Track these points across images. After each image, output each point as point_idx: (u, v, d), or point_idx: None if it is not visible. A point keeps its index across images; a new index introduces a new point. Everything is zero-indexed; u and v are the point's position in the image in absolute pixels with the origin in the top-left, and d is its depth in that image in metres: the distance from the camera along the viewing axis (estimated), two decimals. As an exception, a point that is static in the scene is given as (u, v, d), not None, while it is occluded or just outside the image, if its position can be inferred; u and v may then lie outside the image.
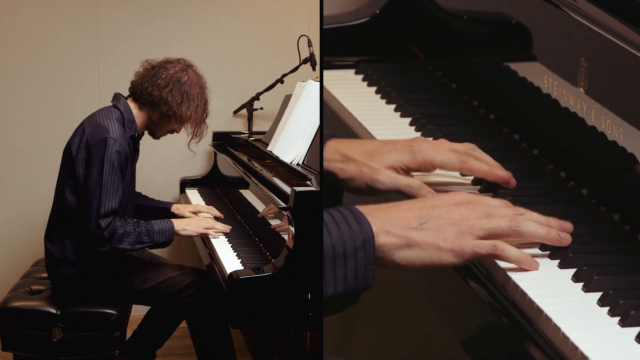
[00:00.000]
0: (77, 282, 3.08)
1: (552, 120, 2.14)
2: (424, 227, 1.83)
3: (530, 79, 2.21)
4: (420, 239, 1.82)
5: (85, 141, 3.03)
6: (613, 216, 1.95)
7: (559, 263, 1.85)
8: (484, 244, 1.84)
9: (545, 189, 2.07)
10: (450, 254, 1.83)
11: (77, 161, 3.03)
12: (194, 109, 3.18)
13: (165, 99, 3.13)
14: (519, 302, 1.79)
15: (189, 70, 3.22)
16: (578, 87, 2.01)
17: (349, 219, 1.79)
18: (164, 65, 3.21)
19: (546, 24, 2.15)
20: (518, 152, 2.23)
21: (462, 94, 2.51)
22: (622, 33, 1.88)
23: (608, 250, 1.87)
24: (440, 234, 1.83)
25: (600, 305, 1.74)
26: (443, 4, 2.59)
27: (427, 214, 1.85)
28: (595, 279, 1.78)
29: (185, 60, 3.27)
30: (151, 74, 3.18)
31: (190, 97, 3.17)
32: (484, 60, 2.47)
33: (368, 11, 2.72)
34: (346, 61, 2.70)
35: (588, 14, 1.98)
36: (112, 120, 3.08)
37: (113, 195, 2.96)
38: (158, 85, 3.14)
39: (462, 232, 1.84)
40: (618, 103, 1.90)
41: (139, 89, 3.18)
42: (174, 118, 3.18)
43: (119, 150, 2.99)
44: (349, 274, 1.77)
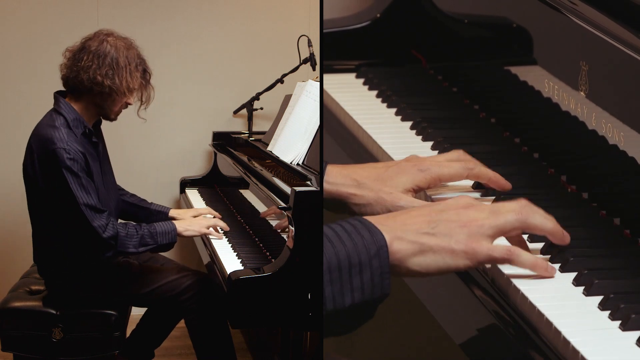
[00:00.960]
0: (75, 294, 3.05)
1: (552, 124, 2.15)
2: (435, 232, 1.83)
3: (531, 83, 2.22)
4: (433, 243, 1.82)
5: (36, 157, 2.91)
6: (613, 220, 1.95)
7: (560, 267, 1.86)
8: (498, 248, 1.84)
9: (546, 193, 2.07)
10: (463, 256, 1.82)
11: (36, 178, 2.92)
12: (129, 75, 2.96)
13: (94, 79, 2.91)
14: (520, 306, 1.80)
15: (108, 39, 2.99)
16: (579, 91, 2.02)
17: (360, 229, 1.79)
18: (82, 46, 2.99)
19: (547, 28, 2.15)
20: (519, 156, 2.23)
21: (462, 97, 2.51)
22: (622, 37, 1.89)
23: (609, 254, 1.87)
24: (452, 237, 1.82)
25: (601, 309, 1.74)
26: (444, 8, 2.59)
27: (436, 218, 1.85)
28: (596, 282, 1.78)
29: (103, 30, 3.04)
30: (74, 60, 2.97)
31: (121, 65, 2.94)
32: (484, 64, 2.47)
33: (369, 15, 2.73)
34: (347, 65, 2.70)
35: (589, 18, 1.98)
36: (55, 127, 2.91)
37: (88, 196, 2.86)
38: (83, 68, 2.92)
39: (473, 234, 1.83)
40: (619, 107, 1.91)
41: (70, 82, 2.98)
42: (115, 93, 2.95)
43: (70, 157, 2.83)
44: (365, 284, 1.77)
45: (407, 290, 2.21)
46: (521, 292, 1.79)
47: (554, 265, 1.88)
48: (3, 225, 4.39)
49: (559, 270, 1.85)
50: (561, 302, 1.76)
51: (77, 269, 3.03)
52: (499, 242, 1.88)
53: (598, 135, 1.96)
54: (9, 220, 4.39)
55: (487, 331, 1.90)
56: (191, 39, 4.49)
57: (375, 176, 2.12)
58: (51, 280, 3.09)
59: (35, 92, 4.32)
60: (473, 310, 1.91)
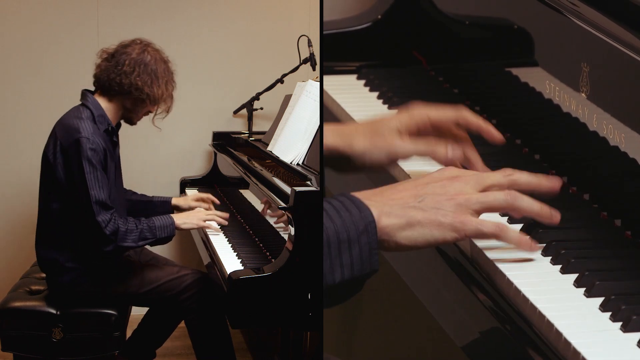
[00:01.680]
0: (75, 287, 3.07)
1: (554, 126, 2.15)
2: (422, 205, 1.83)
3: (532, 84, 2.21)
4: (420, 216, 1.82)
5: (60, 145, 3.01)
6: (615, 221, 1.95)
7: (560, 268, 1.86)
8: (487, 223, 1.84)
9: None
10: (451, 229, 1.82)
11: (56, 167, 3.01)
12: (165, 86, 3.15)
13: (135, 85, 3.08)
14: (521, 308, 1.79)
15: (149, 49, 3.18)
16: (580, 92, 2.01)
17: (348, 205, 1.79)
18: (122, 50, 3.15)
19: (548, 29, 2.15)
20: (520, 157, 2.23)
21: (463, 99, 2.51)
22: (624, 38, 1.88)
23: (610, 256, 1.87)
24: (439, 210, 1.83)
25: (602, 311, 1.74)
26: (445, 9, 2.59)
27: (422, 191, 1.85)
28: (597, 284, 1.78)
29: (141, 39, 3.22)
30: (113, 62, 3.12)
31: (159, 76, 3.14)
32: (485, 65, 2.47)
33: (370, 16, 2.72)
34: (348, 66, 2.70)
35: (590, 19, 1.98)
36: (82, 119, 3.03)
37: (100, 190, 2.93)
38: (124, 72, 3.09)
39: (460, 206, 1.84)
40: (620, 108, 1.91)
41: (106, 81, 3.12)
42: (148, 100, 3.14)
43: (92, 147, 2.95)
44: (354, 260, 1.78)
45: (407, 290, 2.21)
46: (522, 293, 1.79)
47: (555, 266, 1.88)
48: (3, 226, 4.39)
49: (560, 271, 1.85)
50: (562, 304, 1.76)
51: (78, 262, 3.05)
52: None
53: (599, 136, 1.96)
54: (9, 220, 4.39)
55: (487, 332, 1.90)
56: (191, 39, 4.50)
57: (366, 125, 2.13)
58: (52, 276, 3.10)
59: (35, 92, 4.33)
60: (474, 311, 1.91)
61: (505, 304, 1.84)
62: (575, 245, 1.90)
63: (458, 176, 1.90)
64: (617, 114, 1.91)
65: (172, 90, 3.22)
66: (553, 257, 1.89)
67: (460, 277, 1.96)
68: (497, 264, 1.88)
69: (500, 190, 1.89)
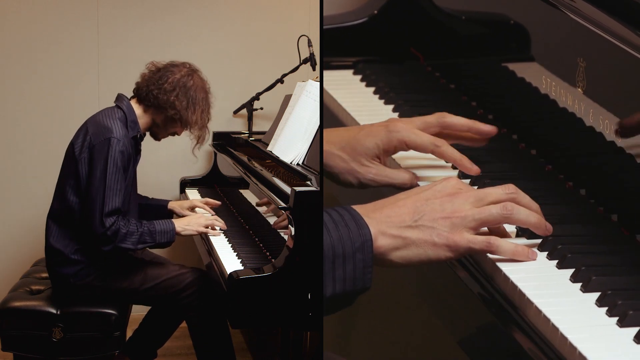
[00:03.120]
0: (77, 280, 3.08)
1: (550, 121, 2.14)
2: (418, 224, 1.84)
3: (529, 80, 2.21)
4: (415, 237, 1.83)
5: (89, 141, 3.05)
6: (611, 216, 1.95)
7: (557, 263, 1.85)
8: (478, 239, 1.85)
9: (544, 190, 2.07)
10: (445, 249, 1.83)
11: (80, 161, 3.05)
12: (200, 114, 3.22)
13: (172, 103, 3.16)
14: (517, 302, 1.79)
15: (194, 75, 3.25)
16: (576, 88, 2.01)
17: (347, 220, 1.80)
18: (169, 68, 3.23)
19: (544, 25, 2.15)
20: (516, 153, 2.23)
21: (460, 94, 2.51)
22: (620, 33, 1.88)
23: (606, 251, 1.87)
24: (434, 229, 1.83)
25: (599, 306, 1.73)
26: (441, 5, 2.59)
27: (421, 209, 1.86)
28: (594, 279, 1.77)
29: (191, 65, 3.29)
30: (157, 76, 3.20)
31: (196, 102, 3.20)
32: (482, 60, 2.47)
33: (366, 12, 2.72)
34: (344, 62, 2.70)
35: (586, 15, 1.98)
36: (115, 120, 3.10)
37: (116, 195, 2.98)
38: (165, 89, 3.16)
39: (455, 226, 1.84)
40: (616, 104, 1.90)
41: (145, 91, 3.20)
42: (180, 122, 3.22)
43: (122, 150, 3.02)
44: (347, 276, 1.78)
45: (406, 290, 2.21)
46: (519, 289, 1.79)
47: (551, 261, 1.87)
48: (3, 226, 4.39)
49: (557, 266, 1.85)
50: (559, 299, 1.76)
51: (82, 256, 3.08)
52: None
53: (595, 131, 1.95)
54: (9, 220, 4.39)
55: (484, 329, 1.90)
56: (191, 39, 4.50)
57: (346, 140, 2.12)
58: (55, 266, 3.12)
59: (35, 92, 4.33)
60: (471, 307, 1.91)
61: (502, 299, 1.83)
62: (572, 240, 1.90)
63: (458, 193, 1.90)
64: (614, 109, 1.90)
65: (207, 121, 3.29)
66: (550, 253, 1.88)
67: (457, 274, 1.96)
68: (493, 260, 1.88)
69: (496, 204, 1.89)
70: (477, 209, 1.86)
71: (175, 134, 3.33)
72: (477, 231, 1.87)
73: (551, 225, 1.91)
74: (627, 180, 1.88)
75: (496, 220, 1.87)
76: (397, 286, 2.26)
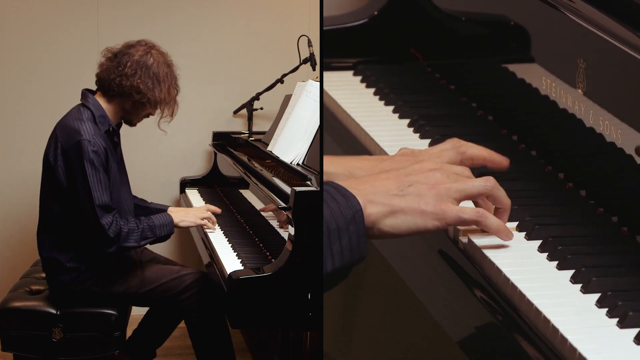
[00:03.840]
0: (75, 287, 3.07)
1: (550, 122, 2.15)
2: (404, 193, 1.87)
3: (529, 81, 2.22)
4: (404, 204, 1.86)
5: (60, 147, 2.99)
6: (611, 217, 1.95)
7: (557, 264, 1.86)
8: (468, 209, 1.88)
9: (544, 190, 2.07)
10: (433, 217, 1.86)
11: (56, 169, 2.99)
12: (167, 90, 3.11)
13: (136, 88, 3.05)
14: (518, 303, 1.80)
15: (152, 52, 3.14)
16: (576, 89, 2.02)
17: (334, 194, 1.82)
18: (125, 51, 3.12)
19: (544, 26, 2.15)
20: (516, 154, 2.23)
21: (460, 95, 2.51)
22: (620, 34, 1.89)
23: (606, 252, 1.87)
24: (421, 198, 1.87)
25: (599, 307, 1.74)
26: (441, 6, 2.59)
27: (405, 180, 1.89)
28: (594, 280, 1.78)
29: (146, 41, 3.19)
30: (115, 63, 3.09)
31: (161, 79, 3.10)
32: (482, 61, 2.47)
33: (366, 13, 2.72)
34: (344, 63, 2.70)
35: (586, 15, 1.98)
36: (82, 120, 3.01)
37: (103, 193, 2.94)
38: (126, 74, 3.05)
39: (441, 195, 1.88)
40: (616, 104, 1.91)
41: (106, 82, 3.09)
42: (149, 104, 3.10)
43: (94, 149, 2.93)
44: (344, 249, 1.81)
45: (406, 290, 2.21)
46: (519, 289, 1.79)
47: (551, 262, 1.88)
48: (3, 226, 4.39)
49: (557, 267, 1.85)
50: (559, 300, 1.76)
51: (78, 263, 3.05)
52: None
53: (595, 132, 1.96)
54: (10, 220, 4.39)
55: (484, 329, 1.90)
56: (191, 39, 4.49)
57: (368, 168, 2.12)
58: (52, 275, 3.10)
59: (35, 92, 4.33)
60: (471, 307, 1.91)
61: (502, 300, 1.84)
62: (572, 241, 1.90)
63: (438, 168, 1.93)
64: (614, 110, 1.91)
65: (176, 94, 3.18)
66: (550, 254, 1.89)
67: (457, 274, 1.96)
68: (493, 261, 1.88)
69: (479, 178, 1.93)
70: (460, 182, 1.90)
71: (149, 114, 3.22)
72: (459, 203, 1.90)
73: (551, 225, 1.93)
74: (627, 181, 1.89)
75: (479, 192, 1.92)
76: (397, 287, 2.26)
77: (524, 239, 1.95)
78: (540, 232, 1.93)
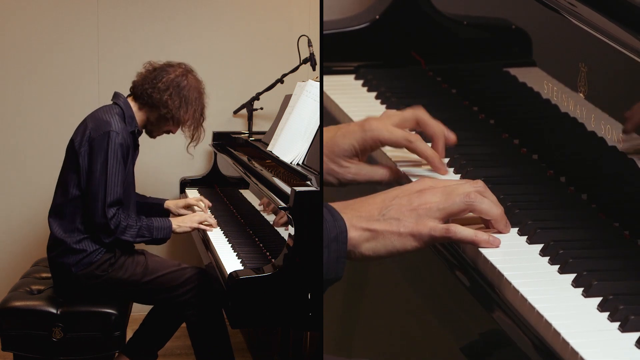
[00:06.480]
0: (79, 270, 3.10)
1: (552, 126, 2.15)
2: (385, 218, 1.90)
3: (530, 84, 2.22)
4: (382, 228, 1.89)
5: (89, 135, 3.13)
6: (613, 221, 1.95)
7: (559, 268, 1.86)
8: (438, 227, 1.89)
9: (545, 194, 2.07)
10: (410, 238, 1.89)
11: (80, 154, 3.12)
12: (192, 114, 3.29)
13: (164, 102, 3.24)
14: (519, 307, 1.80)
15: (189, 75, 3.32)
16: (578, 93, 2.02)
17: (326, 214, 1.85)
18: (165, 68, 3.30)
19: (546, 30, 2.15)
20: (518, 157, 2.23)
21: (462, 99, 2.50)
22: (621, 38, 1.89)
23: (608, 256, 1.87)
24: (400, 221, 1.89)
25: (600, 311, 1.74)
26: (443, 10, 2.59)
27: (388, 203, 1.92)
28: (595, 284, 1.78)
29: (186, 65, 3.36)
30: (152, 76, 3.28)
31: (189, 102, 3.28)
32: (484, 65, 2.47)
33: (368, 16, 2.72)
34: (346, 66, 2.70)
35: (587, 19, 1.98)
36: (114, 115, 3.18)
37: (117, 185, 3.07)
38: (158, 88, 3.24)
39: (421, 217, 1.90)
40: (618, 108, 1.91)
41: (140, 90, 3.27)
42: (172, 121, 3.30)
43: (121, 142, 3.10)
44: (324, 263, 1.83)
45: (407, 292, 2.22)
46: (520, 293, 1.79)
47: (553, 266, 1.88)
48: (3, 226, 4.39)
49: (558, 271, 1.85)
50: (561, 304, 1.76)
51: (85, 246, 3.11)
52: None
53: (597, 136, 1.96)
54: (9, 220, 4.39)
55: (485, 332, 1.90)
56: (191, 39, 4.50)
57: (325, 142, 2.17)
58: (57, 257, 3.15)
59: (35, 92, 4.33)
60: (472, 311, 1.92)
61: (503, 303, 1.84)
62: (574, 245, 1.90)
63: (427, 189, 1.95)
64: (615, 114, 1.91)
65: (201, 120, 3.38)
66: (551, 257, 1.89)
67: (458, 278, 1.96)
68: (495, 264, 1.88)
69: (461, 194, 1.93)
70: (443, 201, 1.92)
71: (170, 132, 3.41)
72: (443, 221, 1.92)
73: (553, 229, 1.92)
74: (628, 184, 1.89)
75: (460, 208, 1.92)
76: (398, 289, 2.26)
77: (526, 242, 1.95)
78: (541, 236, 1.93)
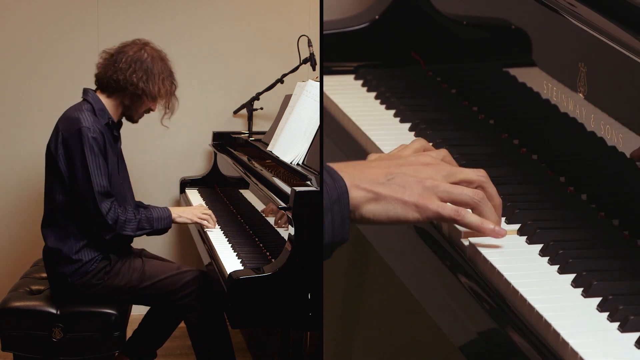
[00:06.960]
0: (75, 279, 3.10)
1: (551, 126, 2.15)
2: (390, 182, 1.87)
3: (530, 85, 2.21)
4: (386, 192, 1.86)
5: (61, 137, 3.11)
6: (612, 221, 1.95)
7: (558, 268, 1.86)
8: (447, 207, 1.88)
9: (545, 194, 2.07)
10: (414, 209, 1.87)
11: (57, 158, 3.09)
12: (161, 83, 3.25)
13: (130, 81, 3.19)
14: (519, 308, 1.80)
15: (146, 47, 3.29)
16: (577, 93, 2.02)
17: (325, 176, 1.83)
18: (121, 50, 3.27)
19: (545, 30, 2.15)
20: (518, 157, 2.23)
21: (461, 99, 2.50)
22: (621, 38, 1.88)
23: (608, 256, 1.87)
24: (405, 189, 1.87)
25: (600, 311, 1.73)
26: (442, 10, 2.59)
27: (394, 171, 1.90)
28: (595, 284, 1.78)
29: (140, 39, 3.33)
30: (111, 60, 3.24)
31: (155, 72, 3.24)
32: (483, 65, 2.47)
33: (367, 17, 2.72)
34: (345, 67, 2.70)
35: (587, 19, 1.98)
36: (83, 111, 3.14)
37: (102, 178, 3.04)
38: (121, 69, 3.20)
39: (426, 189, 1.88)
40: (617, 108, 1.91)
41: (104, 79, 3.24)
42: (145, 96, 3.24)
43: (94, 136, 3.06)
44: (326, 227, 1.82)
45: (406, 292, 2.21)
46: (520, 293, 1.79)
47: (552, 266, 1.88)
48: (3, 226, 4.39)
49: (558, 271, 1.85)
50: (560, 304, 1.76)
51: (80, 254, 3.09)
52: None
53: (597, 136, 1.96)
54: (9, 220, 4.39)
55: (485, 332, 1.90)
56: (191, 39, 4.50)
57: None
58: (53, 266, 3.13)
59: (35, 92, 4.33)
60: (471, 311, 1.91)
61: (503, 304, 1.84)
62: (573, 245, 1.90)
63: (432, 164, 1.93)
64: (615, 114, 1.91)
65: (172, 88, 3.31)
66: (551, 257, 1.89)
67: (457, 277, 1.96)
68: (494, 264, 1.88)
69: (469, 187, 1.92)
70: (451, 185, 1.90)
71: (150, 110, 3.36)
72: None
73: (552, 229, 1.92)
74: (628, 184, 1.89)
75: (465, 202, 1.90)
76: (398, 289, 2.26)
77: (525, 242, 1.95)
78: (541, 236, 1.93)
